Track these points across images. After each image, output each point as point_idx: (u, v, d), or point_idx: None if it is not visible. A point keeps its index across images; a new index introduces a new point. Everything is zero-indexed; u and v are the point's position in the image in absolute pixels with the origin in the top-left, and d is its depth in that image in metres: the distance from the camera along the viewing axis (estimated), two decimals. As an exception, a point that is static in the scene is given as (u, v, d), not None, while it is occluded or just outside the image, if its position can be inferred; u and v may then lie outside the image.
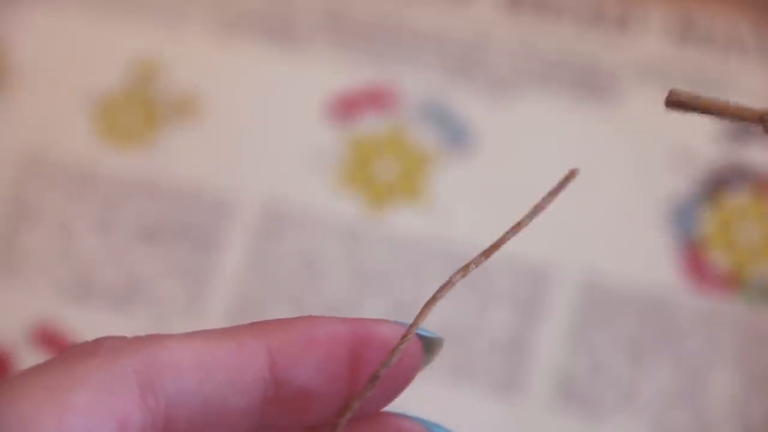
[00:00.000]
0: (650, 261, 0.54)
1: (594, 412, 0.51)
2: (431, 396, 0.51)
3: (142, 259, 0.55)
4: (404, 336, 0.27)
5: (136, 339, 0.26)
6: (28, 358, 0.53)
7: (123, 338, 0.26)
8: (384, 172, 0.56)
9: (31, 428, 0.23)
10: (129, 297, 0.54)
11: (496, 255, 0.56)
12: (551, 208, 0.28)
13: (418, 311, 0.27)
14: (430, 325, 0.29)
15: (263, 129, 0.57)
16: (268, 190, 0.56)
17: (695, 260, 0.54)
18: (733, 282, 0.53)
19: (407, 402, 0.29)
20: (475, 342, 0.53)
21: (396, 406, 0.29)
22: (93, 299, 0.54)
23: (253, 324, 0.27)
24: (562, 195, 0.28)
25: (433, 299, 0.27)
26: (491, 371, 0.52)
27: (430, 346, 0.28)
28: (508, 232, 0.28)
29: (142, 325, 0.54)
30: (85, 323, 0.54)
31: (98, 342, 0.26)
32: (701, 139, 0.56)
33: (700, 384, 0.51)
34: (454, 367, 0.52)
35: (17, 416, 0.24)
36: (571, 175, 0.27)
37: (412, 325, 0.27)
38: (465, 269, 0.28)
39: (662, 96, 0.59)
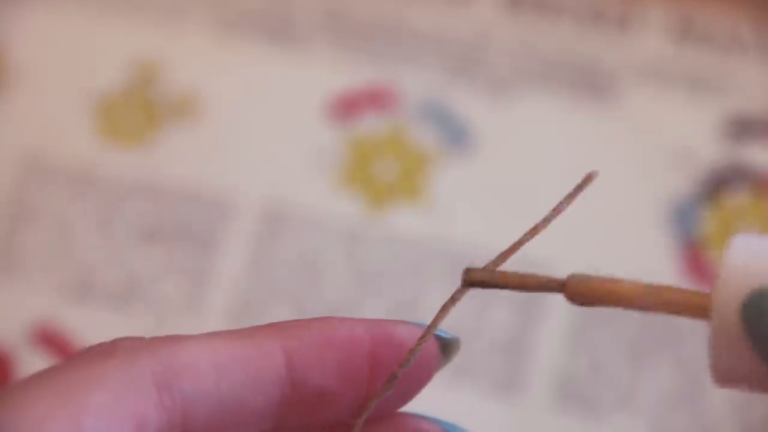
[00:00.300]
0: (650, 261, 0.54)
1: (594, 412, 0.51)
2: (431, 396, 0.51)
3: (142, 259, 0.55)
4: (422, 337, 0.27)
5: (154, 340, 0.26)
6: (28, 358, 0.53)
7: (140, 339, 0.26)
8: (384, 172, 0.56)
9: (46, 428, 0.23)
10: (129, 297, 0.54)
11: (495, 254, 0.56)
12: (551, 203, 0.28)
13: (428, 312, 0.28)
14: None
15: (263, 129, 0.57)
16: (268, 190, 0.56)
17: (695, 260, 0.54)
18: (733, 282, 0.53)
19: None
20: (474, 342, 0.53)
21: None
22: (93, 299, 0.54)
23: (269, 325, 0.27)
24: (562, 194, 0.28)
25: (452, 301, 0.27)
26: (491, 371, 0.52)
27: (447, 347, 0.28)
28: (525, 235, 0.28)
29: (142, 325, 0.54)
30: (85, 323, 0.54)
31: (115, 343, 0.26)
32: (701, 139, 0.56)
33: (699, 384, 0.51)
34: (454, 367, 0.52)
35: (33, 416, 0.24)
36: (588, 179, 0.27)
37: (430, 326, 0.27)
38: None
39: (662, 96, 0.60)
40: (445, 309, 0.27)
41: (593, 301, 0.24)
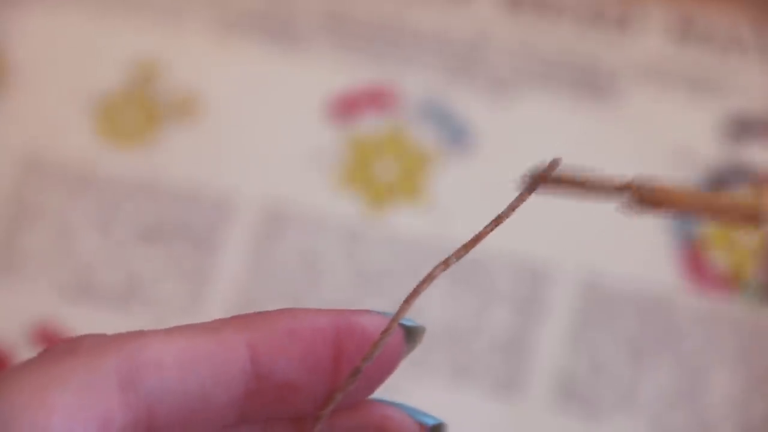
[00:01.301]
0: (650, 261, 0.54)
1: (594, 412, 0.51)
2: (431, 395, 0.51)
3: (142, 259, 0.55)
4: (386, 330, 0.27)
5: (117, 336, 0.26)
6: (28, 358, 0.53)
7: (104, 336, 0.26)
8: (384, 172, 0.56)
9: (11, 429, 0.23)
10: (129, 297, 0.54)
11: (495, 253, 0.56)
12: (551, 203, 0.28)
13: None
14: (431, 323, 0.28)
15: (263, 129, 0.57)
16: (268, 190, 0.56)
17: (695, 260, 0.54)
18: (733, 282, 0.53)
19: (407, 402, 0.29)
20: (475, 341, 0.53)
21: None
22: (93, 299, 0.54)
23: (234, 318, 0.27)
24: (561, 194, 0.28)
25: (415, 293, 0.27)
26: (491, 371, 0.52)
27: (411, 335, 0.28)
28: (488, 225, 0.28)
29: (142, 325, 0.54)
30: (85, 323, 0.54)
31: (78, 340, 0.26)
32: (701, 139, 0.56)
33: (700, 384, 0.51)
34: (454, 366, 0.52)
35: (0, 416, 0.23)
36: (553, 165, 0.27)
37: (393, 319, 0.27)
38: (446, 262, 0.28)
39: (662, 96, 0.60)
40: (408, 302, 0.27)
41: (653, 206, 0.25)
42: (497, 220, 0.28)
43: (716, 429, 0.51)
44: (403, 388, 0.28)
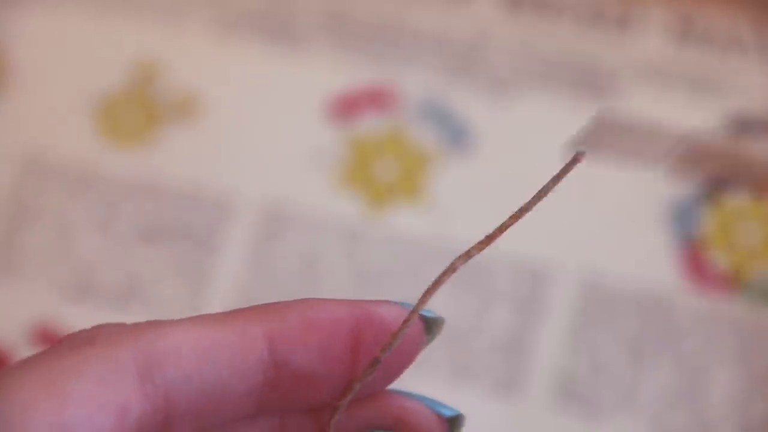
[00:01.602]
0: (650, 261, 0.54)
1: (594, 412, 0.51)
2: (431, 395, 0.51)
3: (142, 259, 0.55)
4: (406, 321, 0.27)
5: (134, 326, 0.26)
6: (28, 358, 0.53)
7: (121, 325, 0.26)
8: (384, 172, 0.56)
9: (29, 420, 0.23)
10: (129, 297, 0.54)
11: (496, 254, 0.56)
12: (551, 203, 0.28)
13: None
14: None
15: (263, 129, 0.57)
16: (268, 190, 0.56)
17: (695, 260, 0.54)
18: (733, 282, 0.53)
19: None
20: (475, 341, 0.53)
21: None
22: (93, 299, 0.54)
23: (251, 308, 0.27)
24: (562, 194, 0.28)
25: (436, 284, 0.27)
26: (491, 371, 0.52)
27: (431, 326, 0.28)
28: (510, 218, 0.27)
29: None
30: (85, 323, 0.54)
31: (96, 330, 0.26)
32: (701, 139, 0.56)
33: (700, 384, 0.51)
34: (455, 366, 0.52)
35: (15, 408, 0.23)
36: (575, 160, 0.27)
37: (413, 311, 0.27)
38: (467, 255, 0.27)
39: (662, 96, 0.60)
40: (428, 293, 0.27)
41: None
42: (519, 212, 0.27)
43: (716, 429, 0.51)
44: (403, 386, 0.28)
